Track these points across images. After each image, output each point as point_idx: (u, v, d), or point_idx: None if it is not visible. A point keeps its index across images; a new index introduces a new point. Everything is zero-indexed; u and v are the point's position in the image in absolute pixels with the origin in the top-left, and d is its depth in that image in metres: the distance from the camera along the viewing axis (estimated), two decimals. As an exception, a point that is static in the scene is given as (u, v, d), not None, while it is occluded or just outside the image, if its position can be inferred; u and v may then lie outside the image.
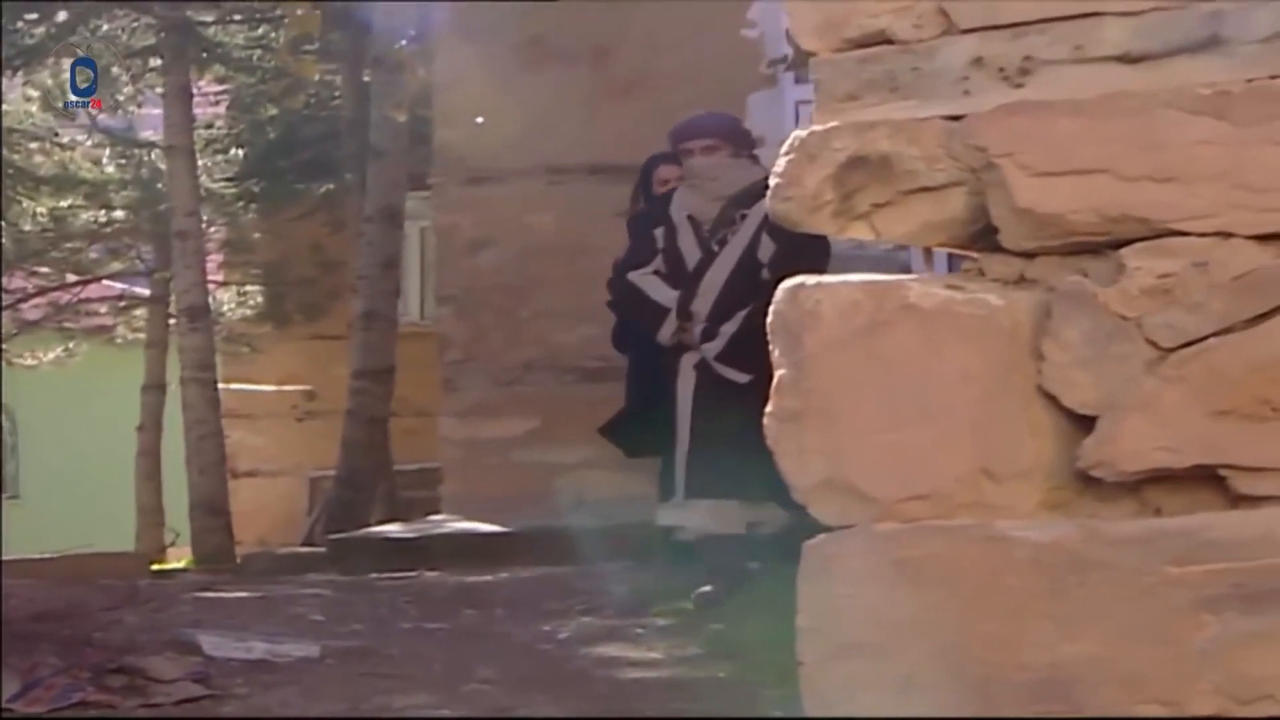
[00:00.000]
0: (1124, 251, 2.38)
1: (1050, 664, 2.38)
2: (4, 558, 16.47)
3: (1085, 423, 2.41)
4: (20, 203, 25.37)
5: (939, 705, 2.43)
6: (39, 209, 25.86)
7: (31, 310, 27.33)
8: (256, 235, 25.83)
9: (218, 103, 25.33)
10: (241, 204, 25.31)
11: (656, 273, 9.34)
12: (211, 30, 23.81)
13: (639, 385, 10.62)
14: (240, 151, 25.22)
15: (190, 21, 22.96)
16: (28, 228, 25.77)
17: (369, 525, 15.62)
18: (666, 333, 9.37)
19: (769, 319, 2.55)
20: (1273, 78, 2.32)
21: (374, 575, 11.99)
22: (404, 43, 16.61)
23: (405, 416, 20.36)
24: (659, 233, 8.80)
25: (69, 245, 26.37)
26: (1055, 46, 2.41)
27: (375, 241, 18.30)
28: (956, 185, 2.43)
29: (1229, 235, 2.34)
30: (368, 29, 18.27)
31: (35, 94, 25.18)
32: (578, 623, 10.26)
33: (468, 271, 13.14)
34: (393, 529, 13.91)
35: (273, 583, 12.26)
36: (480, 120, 13.00)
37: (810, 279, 2.50)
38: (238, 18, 23.85)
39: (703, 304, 9.09)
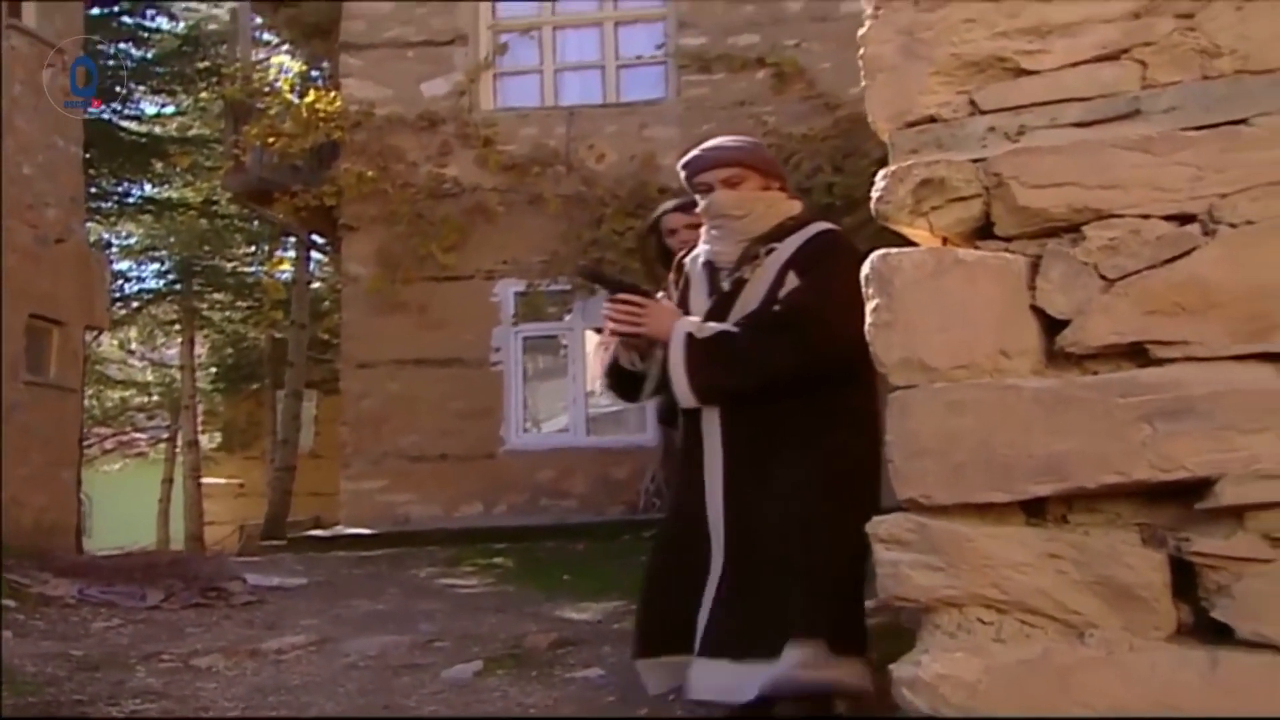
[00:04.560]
0: (1084, 228, 1.95)
1: (1048, 455, 1.90)
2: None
3: (1060, 325, 1.95)
4: (106, 393, 24.48)
5: (982, 482, 1.93)
6: (113, 395, 25.08)
7: (109, 444, 26.31)
8: (221, 409, 24.94)
9: (205, 347, 24.33)
10: (215, 393, 24.41)
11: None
12: (206, 310, 23.05)
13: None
14: (214, 369, 24.33)
15: (197, 309, 22.22)
16: (109, 404, 25.01)
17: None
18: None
19: (865, 273, 2.03)
20: (1173, 130, 1.90)
21: (313, 553, 11.23)
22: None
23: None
24: (672, 293, 3.67)
25: (128, 412, 25.84)
26: (1039, 119, 1.98)
27: (289, 408, 17.51)
28: (978, 197, 1.98)
29: (1149, 216, 1.92)
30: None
31: (117, 341, 24.52)
32: (427, 570, 9.67)
33: (355, 410, 12.45)
34: (319, 532, 12.96)
35: (264, 556, 11.55)
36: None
37: (893, 250, 2.01)
38: (220, 304, 23.02)
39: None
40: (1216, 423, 1.83)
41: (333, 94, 12.96)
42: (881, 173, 2.03)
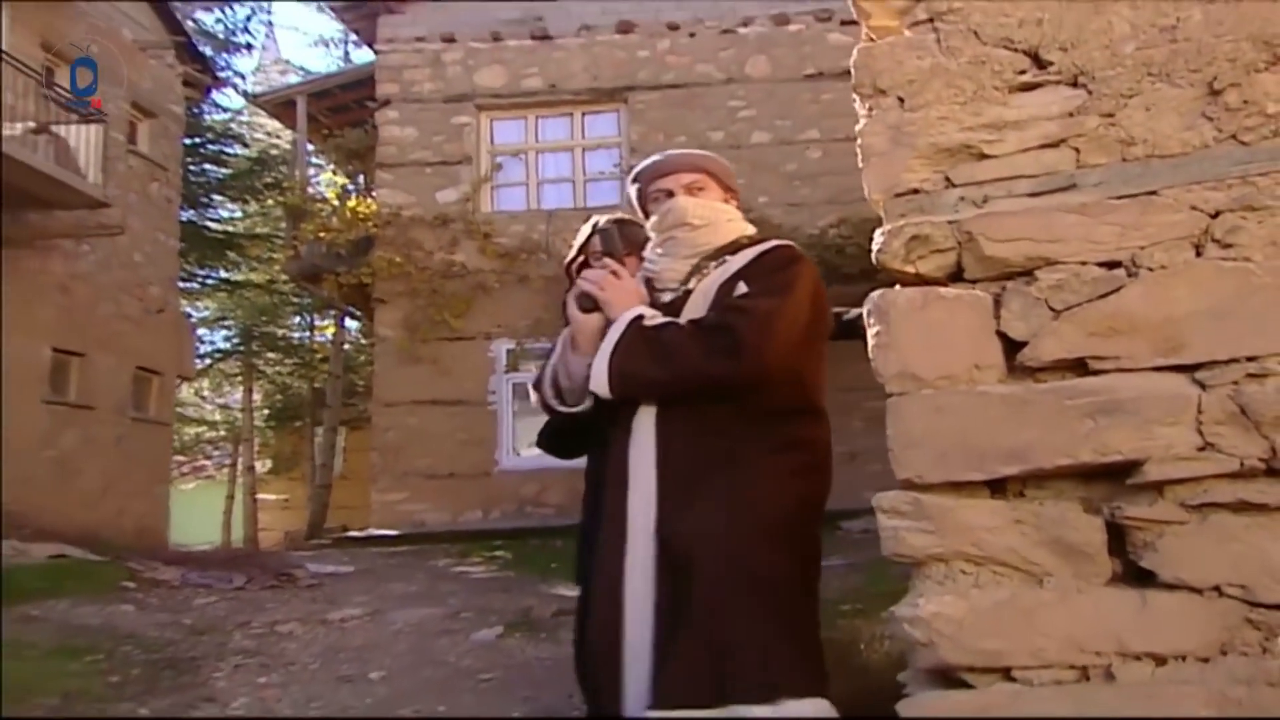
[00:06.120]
0: (1036, 273, 1.91)
1: (1012, 443, 1.85)
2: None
3: (1019, 345, 1.89)
4: (184, 429, 23.61)
5: (961, 465, 1.87)
6: (189, 431, 24.29)
7: (184, 469, 25.22)
8: (271, 441, 24.20)
9: (260, 394, 23.67)
10: (267, 429, 23.77)
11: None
12: (262, 366, 22.41)
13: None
14: (267, 410, 23.62)
15: (255, 365, 21.70)
16: (186, 438, 24.30)
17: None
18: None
19: (866, 307, 1.97)
20: (1102, 199, 1.88)
21: (353, 549, 10.88)
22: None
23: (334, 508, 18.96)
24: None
25: (200, 444, 24.96)
26: (998, 191, 1.94)
27: (326, 440, 17.05)
28: (953, 249, 1.93)
29: (1086, 263, 1.88)
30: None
31: (193, 389, 23.80)
32: (444, 561, 9.42)
33: (383, 439, 12.15)
34: (356, 532, 12.57)
35: (314, 552, 11.18)
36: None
37: (890, 290, 1.96)
38: (273, 361, 22.42)
39: None
40: (1142, 418, 1.79)
41: (369, 200, 12.87)
42: (879, 231, 1.99)
